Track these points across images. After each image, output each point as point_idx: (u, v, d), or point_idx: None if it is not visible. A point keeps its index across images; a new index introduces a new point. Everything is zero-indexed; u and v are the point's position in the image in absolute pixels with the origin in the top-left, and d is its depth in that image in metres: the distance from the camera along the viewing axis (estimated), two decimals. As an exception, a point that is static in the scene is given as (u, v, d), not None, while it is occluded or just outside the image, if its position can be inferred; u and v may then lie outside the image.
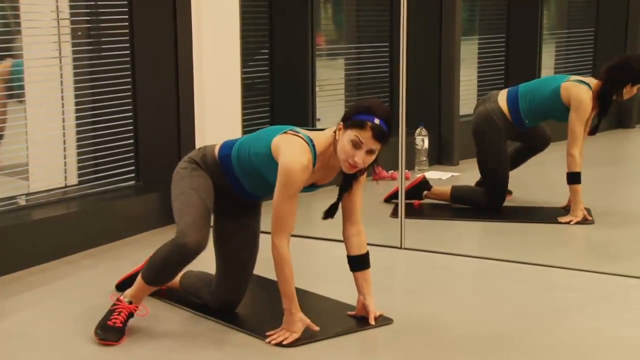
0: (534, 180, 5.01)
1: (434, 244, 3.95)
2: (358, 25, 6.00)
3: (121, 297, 2.92)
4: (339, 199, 2.87)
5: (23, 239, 3.69)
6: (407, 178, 4.33)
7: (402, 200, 3.99)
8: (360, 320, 2.96)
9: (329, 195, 2.90)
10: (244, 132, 4.38)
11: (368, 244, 2.98)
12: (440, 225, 4.38)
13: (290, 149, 2.71)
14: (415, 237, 3.96)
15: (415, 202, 4.51)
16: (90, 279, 3.57)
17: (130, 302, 2.90)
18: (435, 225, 4.38)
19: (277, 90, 5.25)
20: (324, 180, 2.88)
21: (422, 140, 5.50)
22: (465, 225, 4.34)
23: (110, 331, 2.84)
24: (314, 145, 2.76)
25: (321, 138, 2.78)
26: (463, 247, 4.08)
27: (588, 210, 4.36)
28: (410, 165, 5.33)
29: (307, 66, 5.10)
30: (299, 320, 2.78)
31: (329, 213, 2.87)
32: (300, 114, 5.15)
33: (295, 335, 2.77)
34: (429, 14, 5.70)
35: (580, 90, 4.26)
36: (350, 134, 2.68)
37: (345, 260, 2.98)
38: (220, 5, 4.28)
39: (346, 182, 2.85)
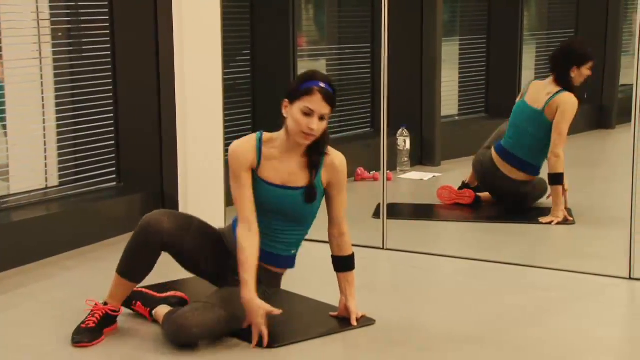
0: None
1: (416, 245, 3.96)
2: (340, 26, 6.01)
3: (96, 300, 2.90)
4: (312, 179, 2.84)
5: (3, 240, 3.66)
6: (389, 179, 4.34)
7: (384, 201, 4.00)
8: (343, 321, 2.97)
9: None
10: (225, 133, 4.37)
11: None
12: (422, 226, 4.39)
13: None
14: (397, 238, 3.97)
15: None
16: (72, 281, 3.55)
17: (105, 303, 2.89)
18: (417, 225, 4.40)
19: (258, 91, 5.24)
20: (294, 179, 2.84)
21: (404, 141, 5.52)
22: (447, 225, 4.36)
23: (83, 333, 2.82)
24: (261, 136, 2.85)
25: (272, 133, 2.87)
26: (445, 247, 4.10)
27: (569, 210, 4.39)
28: (392, 166, 5.34)
29: (289, 67, 5.10)
30: (258, 308, 2.72)
31: (308, 196, 2.84)
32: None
33: (264, 329, 2.72)
34: (410, 15, 5.72)
35: (563, 96, 4.31)
36: (299, 104, 2.74)
37: (329, 261, 2.99)
38: (202, 6, 4.27)
39: (313, 161, 2.84)
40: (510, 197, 4.43)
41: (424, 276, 3.64)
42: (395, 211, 4.44)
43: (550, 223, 4.25)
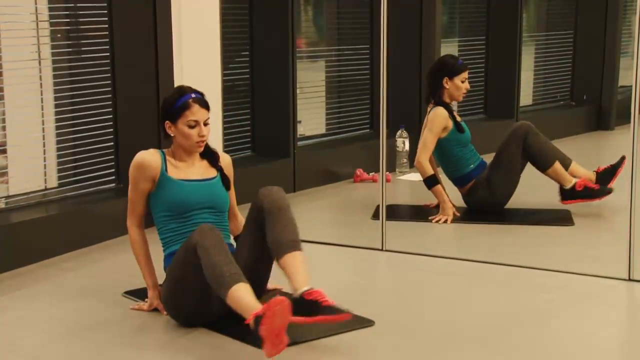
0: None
1: (415, 246, 3.96)
2: (338, 28, 6.01)
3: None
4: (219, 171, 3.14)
5: (2, 242, 3.66)
6: (388, 180, 4.34)
7: (383, 202, 4.00)
8: (341, 323, 2.96)
9: (312, 200, 2.90)
10: (224, 134, 4.37)
11: (350, 246, 2.98)
12: (422, 227, 4.39)
13: None
14: (396, 239, 3.97)
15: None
16: (71, 282, 3.55)
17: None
18: (417, 227, 4.40)
19: (257, 93, 5.24)
20: (207, 173, 3.12)
21: (403, 143, 5.52)
22: (446, 227, 4.36)
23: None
24: (164, 151, 3.12)
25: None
26: (444, 249, 4.09)
27: (567, 212, 4.40)
28: (391, 168, 5.34)
29: (288, 68, 5.10)
30: (151, 298, 3.10)
31: (225, 181, 3.14)
32: (281, 116, 5.14)
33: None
34: (409, 16, 5.72)
35: (432, 112, 4.44)
36: (183, 120, 3.01)
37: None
38: (200, 8, 4.27)
39: (213, 159, 3.13)
40: (478, 207, 4.49)
41: (423, 277, 3.63)
42: (395, 212, 4.44)
43: (439, 221, 4.34)
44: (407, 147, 5.51)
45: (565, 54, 7.27)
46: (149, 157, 3.06)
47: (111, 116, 4.38)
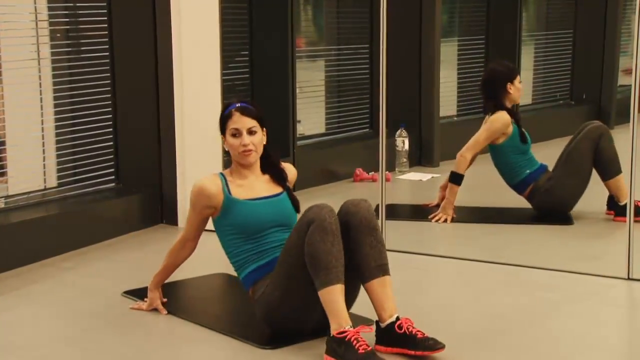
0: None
1: (414, 245, 3.96)
2: (338, 27, 6.01)
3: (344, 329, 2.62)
4: (285, 186, 2.98)
5: (2, 241, 3.66)
6: (387, 180, 4.34)
7: (383, 201, 4.00)
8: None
9: (311, 199, 2.90)
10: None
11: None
12: (421, 227, 4.39)
13: None
14: (395, 239, 3.97)
15: None
16: (70, 282, 3.55)
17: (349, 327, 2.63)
18: (416, 226, 4.40)
19: (257, 92, 5.24)
20: (271, 188, 2.96)
21: (403, 142, 5.52)
22: (446, 226, 4.36)
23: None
24: (223, 174, 2.97)
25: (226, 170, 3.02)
26: (443, 248, 4.10)
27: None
28: (390, 167, 5.34)
29: (287, 68, 5.09)
30: (151, 299, 3.10)
31: (292, 198, 2.97)
32: (281, 115, 5.14)
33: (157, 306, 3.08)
34: (408, 15, 5.72)
35: (495, 115, 4.41)
36: (227, 132, 2.92)
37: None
38: (200, 7, 4.27)
39: (275, 172, 2.99)
40: (544, 212, 4.41)
41: (422, 277, 3.63)
42: (394, 212, 4.44)
43: (438, 220, 4.33)
44: (406, 146, 5.51)
45: (564, 53, 7.27)
46: (209, 184, 2.90)
47: (111, 116, 4.38)
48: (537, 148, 4.53)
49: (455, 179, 4.38)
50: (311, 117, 5.70)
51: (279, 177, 2.99)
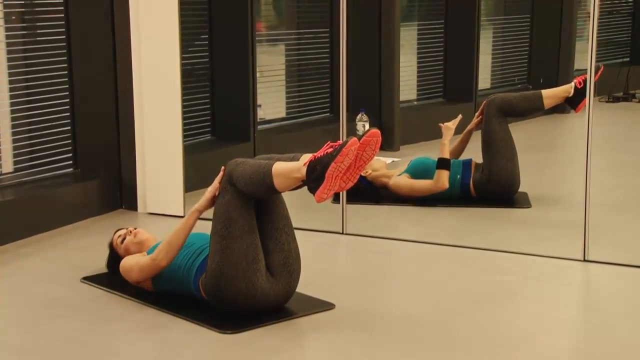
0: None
1: (375, 229, 3.98)
2: (298, 11, 5.99)
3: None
4: None
5: (-43, 228, 3.60)
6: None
7: (343, 186, 4.01)
8: (302, 306, 2.97)
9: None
10: (184, 118, 4.34)
11: (310, 230, 2.99)
12: (381, 211, 4.42)
13: None
14: (356, 223, 3.98)
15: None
16: (27, 268, 3.51)
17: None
18: (377, 210, 4.42)
19: (217, 76, 5.20)
20: None
21: (363, 126, 5.53)
22: (406, 210, 4.39)
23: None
24: None
25: None
26: (404, 232, 4.12)
27: (524, 194, 4.45)
28: (351, 151, 5.34)
29: (248, 52, 5.07)
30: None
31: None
32: (241, 100, 5.12)
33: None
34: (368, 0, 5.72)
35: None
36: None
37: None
38: (159, -10, 4.22)
39: None
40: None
41: (383, 261, 3.66)
42: (355, 196, 4.45)
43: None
44: (367, 130, 5.52)
45: (522, 37, 7.34)
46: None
47: (68, 100, 4.32)
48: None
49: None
50: (271, 102, 5.68)
51: None
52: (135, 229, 3.24)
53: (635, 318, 2.95)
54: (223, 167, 2.89)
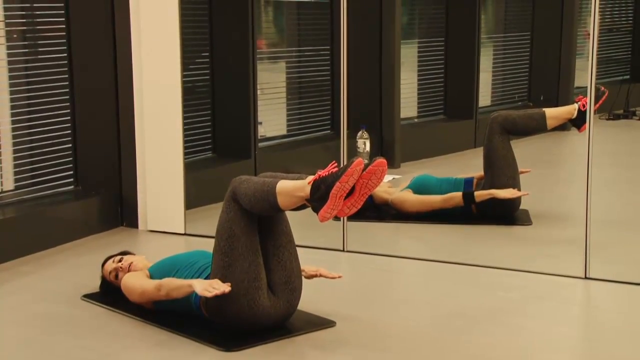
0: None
1: (376, 246, 3.98)
2: (299, 29, 6.01)
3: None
4: None
5: (-43, 246, 3.60)
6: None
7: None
8: (303, 324, 2.97)
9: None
10: (185, 135, 4.35)
11: (311, 247, 2.99)
12: (382, 228, 4.41)
13: None
14: (357, 240, 3.98)
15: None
16: (27, 286, 3.50)
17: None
18: (377, 227, 4.42)
19: (218, 94, 5.22)
20: None
21: (364, 143, 5.54)
22: (407, 227, 4.38)
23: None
24: None
25: None
26: (404, 249, 4.12)
27: (525, 212, 4.45)
28: (351, 168, 5.34)
29: (248, 69, 5.09)
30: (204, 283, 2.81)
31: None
32: (242, 117, 5.13)
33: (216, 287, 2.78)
34: (369, 17, 5.74)
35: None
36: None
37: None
38: (160, 7, 4.24)
39: None
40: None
41: (384, 278, 3.65)
42: (356, 213, 4.44)
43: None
44: (367, 147, 5.53)
45: (522, 55, 7.36)
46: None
47: (69, 118, 4.33)
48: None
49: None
50: (272, 119, 5.70)
51: None
52: (120, 260, 3.21)
53: (637, 336, 2.94)
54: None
